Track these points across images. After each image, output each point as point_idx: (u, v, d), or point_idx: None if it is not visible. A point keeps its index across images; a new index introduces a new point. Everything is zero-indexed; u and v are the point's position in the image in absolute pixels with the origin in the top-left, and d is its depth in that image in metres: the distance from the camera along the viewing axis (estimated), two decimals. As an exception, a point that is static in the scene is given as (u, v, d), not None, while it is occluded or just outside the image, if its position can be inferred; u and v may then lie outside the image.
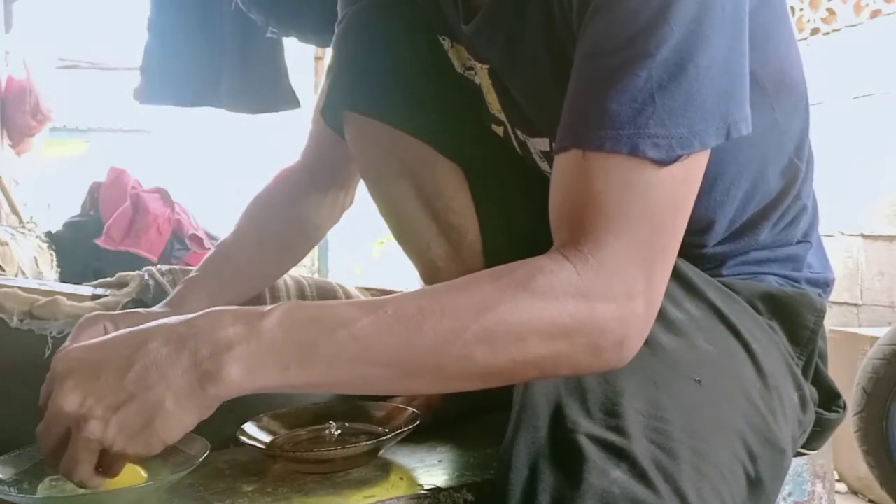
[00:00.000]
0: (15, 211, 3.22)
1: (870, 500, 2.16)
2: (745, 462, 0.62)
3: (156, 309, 0.85)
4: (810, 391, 0.78)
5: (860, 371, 1.97)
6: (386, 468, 0.77)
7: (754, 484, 0.63)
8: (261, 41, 2.22)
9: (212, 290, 0.90)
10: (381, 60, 0.86)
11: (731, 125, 0.59)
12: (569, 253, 0.56)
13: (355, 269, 5.59)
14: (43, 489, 0.69)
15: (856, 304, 2.56)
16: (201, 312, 0.55)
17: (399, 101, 0.86)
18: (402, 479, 0.74)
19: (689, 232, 0.62)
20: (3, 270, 2.15)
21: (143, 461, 0.74)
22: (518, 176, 0.90)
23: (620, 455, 0.55)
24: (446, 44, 0.84)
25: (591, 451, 0.56)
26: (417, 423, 0.79)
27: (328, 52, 2.69)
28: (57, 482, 0.71)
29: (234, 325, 0.53)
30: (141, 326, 0.55)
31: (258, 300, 0.99)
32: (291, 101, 2.37)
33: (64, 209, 3.54)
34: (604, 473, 0.54)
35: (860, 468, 2.03)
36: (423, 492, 0.71)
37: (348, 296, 1.05)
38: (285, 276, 1.05)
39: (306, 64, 2.93)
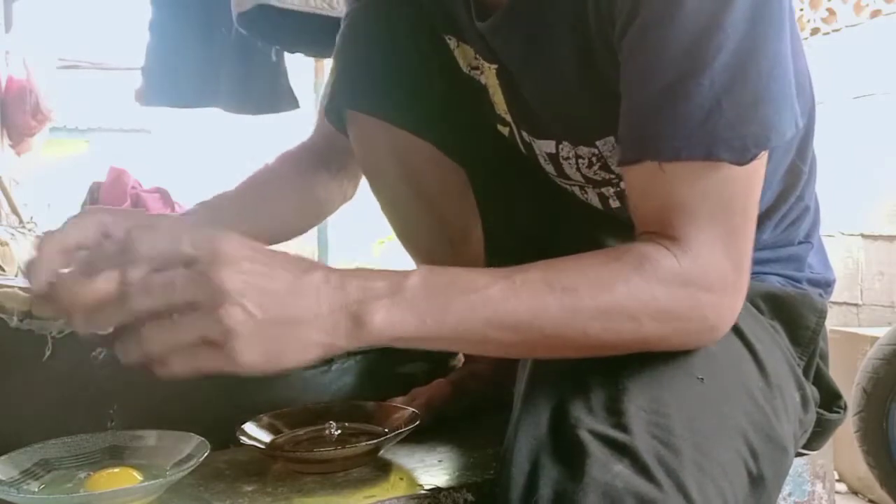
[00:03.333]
0: (15, 211, 3.22)
1: (870, 500, 2.16)
2: (748, 459, 0.62)
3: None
4: (812, 391, 0.78)
5: (860, 371, 1.97)
6: (386, 468, 0.77)
7: (756, 481, 0.63)
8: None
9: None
10: (384, 59, 0.85)
11: (797, 117, 0.62)
12: (666, 243, 0.61)
13: (355, 270, 5.58)
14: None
15: (856, 304, 2.56)
16: (358, 269, 0.59)
17: (402, 100, 0.85)
18: (402, 479, 0.74)
19: None
20: (3, 270, 2.15)
21: (143, 459, 0.74)
22: (521, 176, 0.90)
23: (623, 450, 0.56)
24: (452, 43, 0.84)
25: (594, 446, 0.56)
26: (417, 423, 0.79)
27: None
28: (54, 481, 0.71)
29: (381, 279, 0.57)
30: (305, 258, 0.57)
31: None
32: (291, 101, 2.37)
33: (64, 209, 3.54)
34: (606, 468, 0.54)
35: (860, 468, 2.03)
36: (423, 492, 0.71)
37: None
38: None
39: (306, 64, 2.93)
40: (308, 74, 2.99)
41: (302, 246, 6.36)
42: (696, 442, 0.58)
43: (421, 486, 0.72)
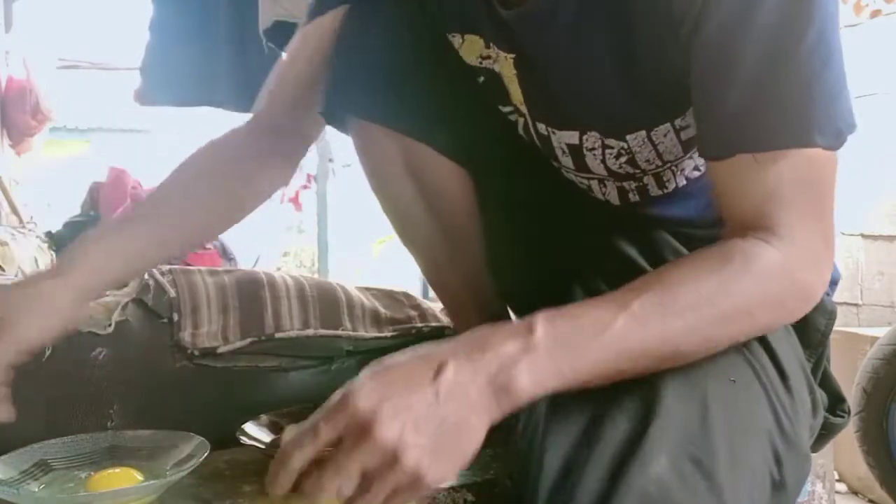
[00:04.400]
0: (15, 211, 3.22)
1: (870, 500, 2.15)
2: (772, 465, 0.63)
3: (30, 279, 0.79)
4: (820, 395, 0.78)
5: (860, 371, 1.97)
6: (386, 468, 0.77)
7: (778, 487, 0.63)
8: (258, 40, 2.22)
9: (109, 256, 0.79)
10: (385, 62, 0.83)
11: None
12: (765, 237, 0.62)
13: (355, 269, 5.59)
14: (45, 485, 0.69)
15: (856, 304, 2.56)
16: (473, 334, 0.59)
17: (404, 106, 0.84)
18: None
19: (711, 226, 0.67)
20: (3, 270, 2.15)
21: (143, 459, 0.74)
22: (525, 177, 0.89)
23: (659, 449, 0.56)
24: (456, 40, 0.83)
25: (630, 445, 0.56)
26: None
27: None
28: (54, 481, 0.71)
29: (509, 341, 0.57)
30: (423, 355, 0.58)
31: (257, 302, 0.99)
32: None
33: (64, 209, 3.54)
34: (643, 470, 0.54)
35: (860, 468, 2.03)
36: (423, 492, 0.71)
37: (348, 296, 1.05)
38: (285, 276, 1.05)
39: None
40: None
41: (302, 247, 6.34)
42: (730, 444, 0.59)
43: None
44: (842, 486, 2.21)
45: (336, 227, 3.47)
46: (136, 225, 0.83)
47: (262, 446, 0.78)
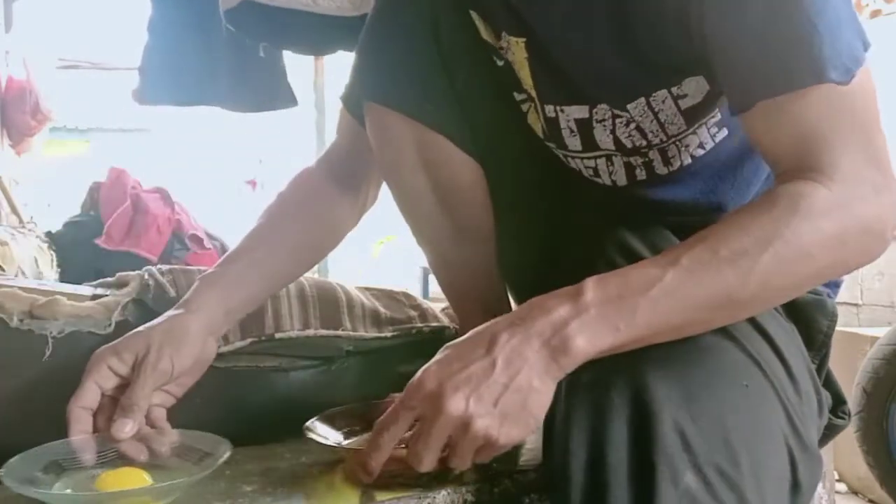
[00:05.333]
0: (15, 211, 3.22)
1: (870, 500, 2.16)
2: (788, 469, 0.63)
3: (158, 320, 0.82)
4: (825, 396, 0.78)
5: (860, 371, 1.97)
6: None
7: (794, 490, 0.63)
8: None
9: (224, 291, 0.85)
10: (404, 51, 0.84)
11: (865, 43, 0.64)
12: (811, 176, 0.62)
13: (355, 270, 5.59)
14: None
15: (856, 304, 2.56)
16: (525, 305, 0.63)
17: (419, 93, 0.84)
18: (401, 479, 0.74)
19: (716, 211, 0.70)
20: (3, 270, 2.15)
21: (161, 459, 0.74)
22: (539, 176, 0.89)
23: (685, 462, 0.56)
24: (481, 26, 0.83)
25: (657, 458, 0.56)
26: None
27: (328, 52, 2.66)
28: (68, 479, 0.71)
29: (560, 305, 0.60)
30: (477, 331, 0.63)
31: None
32: (289, 99, 2.38)
33: (64, 209, 3.54)
34: (673, 484, 0.55)
35: (860, 468, 2.03)
36: (422, 492, 0.71)
37: (349, 296, 1.05)
38: (285, 276, 1.05)
39: (306, 62, 2.93)
40: (308, 73, 2.99)
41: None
42: (750, 450, 0.59)
43: (420, 486, 0.72)
44: (842, 486, 2.21)
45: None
46: (243, 266, 0.88)
47: (334, 444, 0.78)
